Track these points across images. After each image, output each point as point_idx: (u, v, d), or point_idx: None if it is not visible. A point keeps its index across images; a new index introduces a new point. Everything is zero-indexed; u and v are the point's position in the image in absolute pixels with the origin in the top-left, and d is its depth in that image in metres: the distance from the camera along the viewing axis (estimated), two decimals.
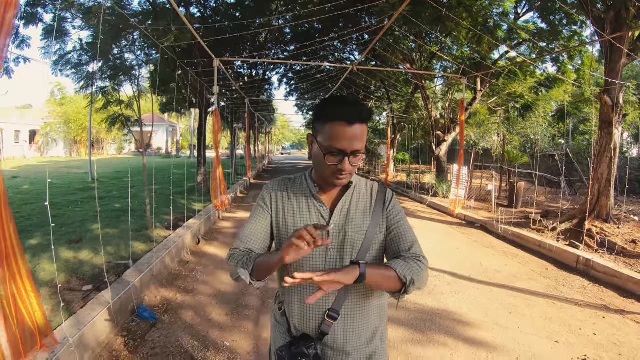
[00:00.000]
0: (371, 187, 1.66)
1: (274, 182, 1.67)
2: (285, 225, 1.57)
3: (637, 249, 6.90)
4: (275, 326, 1.68)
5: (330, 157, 1.42)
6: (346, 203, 1.57)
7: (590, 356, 3.68)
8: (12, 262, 2.23)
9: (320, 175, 1.55)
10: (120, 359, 3.40)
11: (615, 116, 8.01)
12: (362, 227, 1.55)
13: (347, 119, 1.38)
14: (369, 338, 1.59)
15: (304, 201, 1.58)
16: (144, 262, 5.09)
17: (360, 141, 1.42)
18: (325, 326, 1.51)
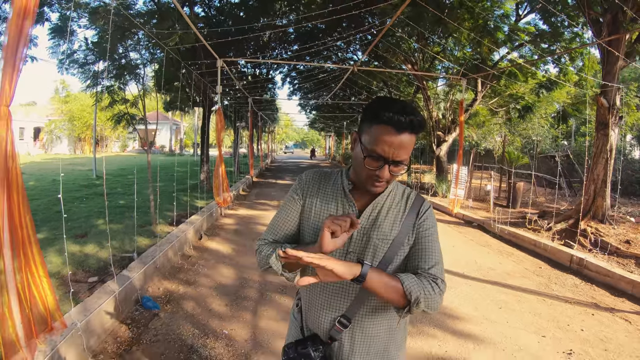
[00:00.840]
0: (407, 195, 1.56)
1: (309, 173, 1.62)
2: (312, 221, 1.52)
3: (630, 249, 7.02)
4: (292, 322, 1.67)
5: (370, 161, 1.35)
6: (377, 207, 1.50)
7: (576, 351, 3.83)
8: (27, 250, 2.40)
9: (356, 177, 1.48)
10: (124, 344, 3.58)
11: (612, 118, 8.11)
12: (388, 235, 1.46)
13: (397, 125, 1.30)
14: (379, 354, 1.51)
15: (333, 197, 1.53)
16: (147, 255, 5.26)
17: (406, 151, 1.34)
18: (335, 332, 1.46)
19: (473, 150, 16.56)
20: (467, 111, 14.16)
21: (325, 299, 1.47)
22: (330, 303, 1.47)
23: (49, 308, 2.62)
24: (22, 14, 2.17)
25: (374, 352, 1.49)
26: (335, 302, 1.46)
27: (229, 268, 5.93)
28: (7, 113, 2.19)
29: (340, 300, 1.45)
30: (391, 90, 20.29)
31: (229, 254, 6.72)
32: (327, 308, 1.47)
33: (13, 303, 2.33)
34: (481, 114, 17.03)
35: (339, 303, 1.46)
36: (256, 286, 5.22)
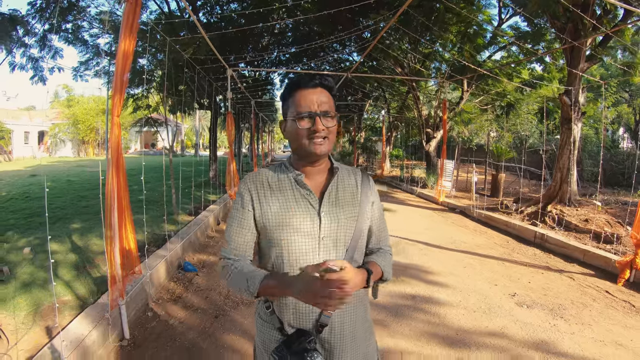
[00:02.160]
0: (354, 172, 1.64)
1: (251, 175, 1.58)
2: (273, 220, 1.48)
3: (587, 226, 8.15)
4: (263, 325, 1.58)
5: (301, 121, 1.42)
6: (333, 189, 1.53)
7: (520, 293, 5.00)
8: (124, 213, 3.51)
9: (298, 151, 1.52)
10: (175, 293, 4.76)
11: (574, 114, 9.24)
12: (352, 212, 1.52)
13: (306, 84, 1.45)
14: (363, 326, 1.59)
15: (288, 190, 1.52)
16: (181, 234, 6.44)
17: (327, 104, 1.44)
18: (325, 317, 1.46)
19: (458, 146, 17.65)
20: (453, 110, 15.29)
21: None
22: None
23: (133, 257, 3.74)
24: (124, 54, 3.30)
25: (360, 319, 1.57)
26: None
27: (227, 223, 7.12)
28: (118, 121, 3.31)
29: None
30: (385, 89, 21.35)
31: None
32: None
33: (116, 250, 3.46)
34: (467, 112, 18.06)
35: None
36: None
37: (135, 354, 3.46)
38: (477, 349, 3.62)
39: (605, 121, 21.55)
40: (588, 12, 8.83)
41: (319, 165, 1.55)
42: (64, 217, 8.28)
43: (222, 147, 45.54)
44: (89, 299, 4.12)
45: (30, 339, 3.39)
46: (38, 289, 4.35)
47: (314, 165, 1.54)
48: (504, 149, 17.20)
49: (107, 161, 3.32)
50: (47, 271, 4.89)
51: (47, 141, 39.15)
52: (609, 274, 5.84)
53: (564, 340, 3.81)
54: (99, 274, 4.94)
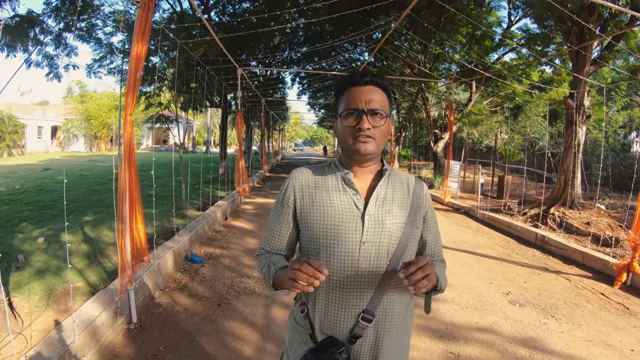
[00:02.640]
0: (407, 179, 1.57)
1: (298, 172, 1.54)
2: (315, 219, 1.44)
3: (588, 229, 8.24)
4: (295, 329, 1.55)
5: (348, 119, 1.40)
6: (381, 191, 1.46)
7: (514, 292, 5.14)
8: (135, 205, 3.71)
9: (344, 151, 1.49)
10: (182, 283, 4.99)
11: (579, 117, 9.33)
12: (399, 218, 1.44)
13: (358, 82, 1.42)
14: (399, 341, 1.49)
15: (334, 191, 1.46)
16: (189, 227, 6.68)
17: (377, 102, 1.40)
18: (359, 329, 1.39)
19: (465, 147, 17.71)
20: (462, 111, 15.38)
21: (344, 297, 1.40)
22: (350, 301, 1.40)
23: (143, 247, 3.95)
24: (137, 57, 3.51)
25: (396, 340, 1.47)
26: (355, 298, 1.40)
27: (253, 238, 7.42)
28: (130, 119, 3.52)
29: (360, 296, 1.40)
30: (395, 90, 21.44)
31: (252, 229, 8.20)
32: (347, 306, 1.40)
33: (127, 239, 3.67)
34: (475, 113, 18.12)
35: (359, 299, 1.40)
36: None
37: (141, 336, 3.68)
38: (465, 343, 3.78)
39: (615, 125, 21.43)
40: (594, 15, 8.92)
41: (367, 166, 1.50)
42: (77, 210, 8.53)
43: (233, 144, 45.94)
44: (99, 286, 4.36)
45: (43, 321, 3.62)
46: (51, 276, 4.60)
47: (362, 165, 1.48)
48: (512, 150, 17.27)
49: (120, 156, 3.53)
50: (65, 256, 5.15)
51: (59, 136, 39.74)
52: (607, 276, 5.94)
53: (552, 338, 3.95)
54: (110, 264, 5.18)
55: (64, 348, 2.93)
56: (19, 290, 4.19)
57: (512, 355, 3.59)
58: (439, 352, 3.55)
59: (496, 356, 3.57)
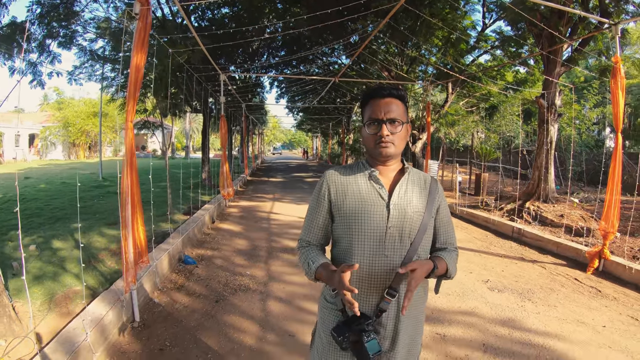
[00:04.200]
0: (424, 176, 1.79)
1: (331, 171, 1.78)
2: (347, 208, 1.67)
3: (562, 221, 8.66)
4: (326, 307, 1.76)
5: (370, 127, 1.65)
6: (403, 185, 1.69)
7: (493, 280, 5.47)
8: (136, 208, 3.90)
9: (369, 153, 1.74)
10: (178, 283, 5.19)
11: (551, 116, 9.77)
12: (419, 208, 1.67)
13: (379, 94, 1.65)
14: (416, 314, 1.72)
15: (363, 184, 1.69)
16: (180, 230, 6.85)
17: (396, 113, 1.63)
18: (384, 303, 1.58)
19: (443, 147, 18.12)
20: (439, 112, 15.77)
21: (372, 276, 1.61)
22: (377, 279, 1.60)
23: (143, 248, 4.14)
24: (137, 67, 3.71)
25: (414, 312, 1.70)
26: (382, 277, 1.60)
27: (242, 240, 7.64)
28: (131, 126, 3.72)
29: (386, 275, 1.60)
30: None
31: (240, 231, 8.41)
32: (375, 285, 1.61)
33: (129, 240, 3.86)
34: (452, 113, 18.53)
35: (385, 277, 1.60)
36: (265, 249, 6.98)
37: (146, 332, 3.87)
38: (450, 325, 4.07)
39: (588, 122, 22.16)
40: (564, 19, 9.35)
41: (390, 165, 1.73)
42: (64, 217, 8.60)
43: (212, 149, 45.85)
44: (98, 288, 4.52)
45: (46, 324, 3.77)
46: (49, 281, 4.74)
47: (385, 164, 1.72)
48: (489, 149, 17.75)
49: (123, 161, 3.72)
50: (58, 262, 5.30)
51: (37, 144, 39.13)
52: (580, 263, 6.32)
53: (529, 318, 4.27)
54: (105, 267, 5.35)
55: (77, 345, 3.11)
56: (19, 295, 4.31)
57: (493, 334, 3.90)
58: (426, 334, 3.83)
59: (478, 335, 3.87)
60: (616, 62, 5.72)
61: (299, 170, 29.18)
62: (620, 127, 5.83)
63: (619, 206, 5.90)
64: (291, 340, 3.79)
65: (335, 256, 1.76)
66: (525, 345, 3.71)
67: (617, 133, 5.86)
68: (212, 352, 3.56)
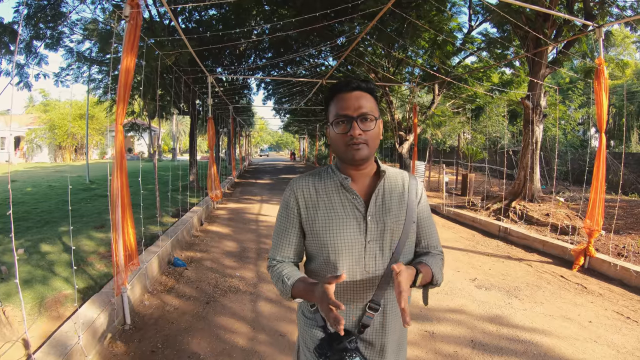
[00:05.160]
0: (401, 175, 1.62)
1: (298, 180, 1.59)
2: (320, 224, 1.49)
3: (547, 219, 8.79)
4: (305, 322, 1.60)
5: (339, 126, 1.43)
6: (379, 193, 1.52)
7: (480, 278, 5.56)
8: (126, 211, 3.91)
9: (339, 157, 1.53)
10: (168, 285, 5.20)
11: (536, 117, 9.91)
12: (399, 216, 1.51)
13: (345, 88, 1.44)
14: (402, 328, 1.59)
15: (335, 195, 1.51)
16: (168, 233, 6.85)
17: (366, 107, 1.42)
18: (367, 318, 1.47)
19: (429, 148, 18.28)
20: (425, 113, 15.91)
21: (353, 292, 1.48)
22: (358, 295, 1.48)
23: (133, 250, 4.14)
24: (127, 69, 3.72)
25: (399, 325, 1.55)
26: (363, 292, 1.48)
27: (231, 241, 7.66)
28: (121, 129, 3.73)
29: (367, 289, 1.47)
30: None
31: (228, 233, 8.42)
32: (355, 300, 1.48)
33: (119, 242, 3.87)
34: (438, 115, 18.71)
35: (366, 292, 1.48)
36: (254, 251, 7.02)
37: (137, 335, 3.88)
38: (438, 323, 4.14)
39: (573, 122, 22.50)
40: (549, 22, 9.50)
41: (364, 169, 1.53)
42: (52, 221, 8.53)
43: (200, 151, 45.69)
44: (88, 292, 4.50)
45: (37, 327, 3.75)
46: (39, 285, 4.71)
47: (358, 169, 1.52)
48: (475, 150, 17.95)
49: (113, 164, 3.73)
50: (47, 266, 5.27)
51: (23, 147, 38.72)
52: (566, 261, 6.43)
53: (516, 315, 4.35)
54: (94, 271, 5.31)
55: (69, 349, 3.11)
56: (9, 299, 4.28)
57: (481, 330, 3.97)
58: (416, 332, 3.90)
59: (467, 332, 3.95)
60: (600, 64, 5.84)
61: (287, 172, 29.22)
62: (603, 127, 5.96)
63: (603, 205, 6.03)
64: (282, 340, 3.83)
65: (310, 273, 1.61)
66: (513, 341, 3.78)
67: (601, 133, 5.98)
68: (203, 353, 3.58)
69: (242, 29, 12.89)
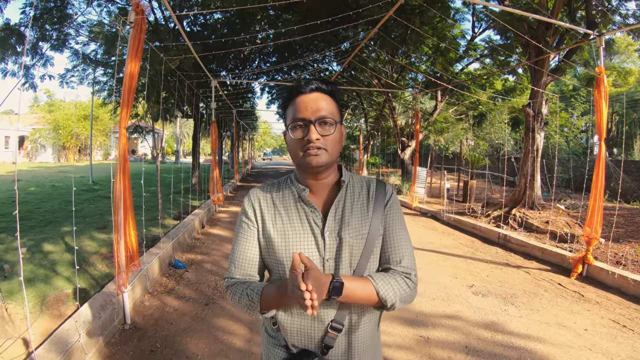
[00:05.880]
0: (367, 183, 1.50)
1: (255, 191, 1.51)
2: (276, 239, 1.40)
3: (547, 227, 8.82)
4: (269, 341, 1.51)
5: (296, 131, 1.33)
6: (340, 204, 1.41)
7: (477, 285, 5.60)
8: (128, 212, 3.98)
9: (297, 165, 1.42)
10: (168, 287, 5.27)
11: (537, 124, 9.95)
12: (360, 230, 1.38)
13: (303, 90, 1.35)
14: (374, 350, 1.49)
15: (292, 208, 1.42)
16: (170, 235, 6.93)
17: (326, 110, 1.33)
18: (329, 339, 1.36)
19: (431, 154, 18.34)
20: (428, 120, 15.99)
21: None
22: (319, 313, 1.35)
23: (134, 251, 4.21)
24: (131, 75, 3.80)
25: (369, 345, 1.46)
26: (324, 310, 1.35)
27: (231, 245, 7.66)
28: (125, 132, 3.80)
29: (328, 309, 1.35)
30: (363, 99, 21.98)
31: (229, 236, 8.50)
32: (317, 318, 1.36)
33: (121, 244, 3.93)
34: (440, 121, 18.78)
35: (327, 311, 1.36)
36: None
37: (137, 334, 3.95)
38: (434, 328, 4.19)
39: (576, 130, 22.52)
40: (551, 30, 9.55)
41: (324, 178, 1.42)
42: (54, 221, 8.59)
43: (203, 154, 45.85)
44: (89, 292, 4.57)
45: (39, 325, 3.82)
46: (41, 284, 4.77)
47: (317, 178, 1.41)
48: (477, 156, 17.99)
49: (116, 166, 3.80)
50: (50, 265, 5.34)
51: (27, 146, 38.91)
52: (564, 269, 6.46)
53: (512, 322, 4.39)
54: (96, 271, 5.38)
55: (70, 346, 3.18)
56: (11, 297, 4.35)
57: (476, 337, 4.01)
58: (410, 337, 3.95)
59: (461, 337, 3.99)
60: (600, 72, 5.89)
61: None
62: (603, 135, 6.01)
63: (602, 212, 6.06)
64: None
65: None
66: (507, 347, 3.83)
67: (601, 141, 6.02)
68: (201, 353, 3.64)
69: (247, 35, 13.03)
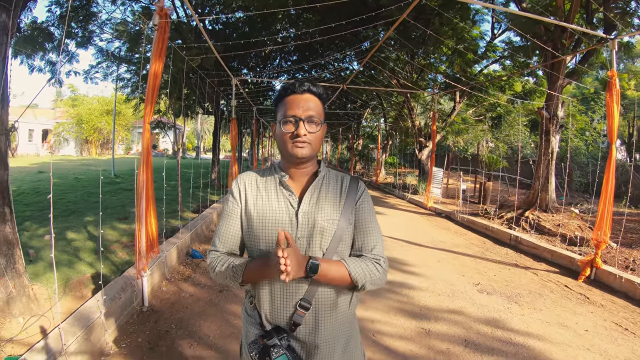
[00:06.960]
0: (342, 179, 1.66)
1: (243, 175, 1.68)
2: (256, 217, 1.56)
3: (559, 230, 8.87)
4: (247, 320, 1.65)
5: (286, 125, 1.50)
6: (315, 191, 1.58)
7: (483, 283, 5.73)
8: (150, 203, 4.23)
9: (283, 155, 1.60)
10: (185, 274, 5.54)
11: (552, 127, 9.97)
12: (332, 216, 1.54)
13: (296, 90, 1.52)
14: (342, 330, 1.59)
15: (273, 190, 1.59)
16: (188, 226, 7.20)
17: (314, 110, 1.51)
18: (298, 316, 1.49)
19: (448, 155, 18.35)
20: (446, 120, 16.03)
21: (284, 288, 1.50)
22: (290, 291, 1.50)
23: (154, 239, 4.45)
24: (155, 74, 4.04)
25: (340, 324, 1.58)
26: (294, 289, 1.49)
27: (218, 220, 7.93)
28: (148, 127, 4.04)
29: (298, 287, 1.49)
30: (383, 99, 22.05)
31: None
32: (287, 297, 1.50)
33: (142, 231, 4.18)
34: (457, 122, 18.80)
35: (298, 289, 1.49)
36: None
37: (154, 316, 4.20)
38: (436, 322, 4.35)
39: (595, 134, 22.28)
40: (566, 33, 9.56)
41: (304, 168, 1.60)
42: (77, 211, 8.91)
43: (223, 150, 46.35)
44: (110, 276, 4.84)
45: (62, 305, 4.08)
46: (64, 268, 5.06)
47: (298, 167, 1.58)
48: (495, 158, 17.96)
49: (140, 159, 4.05)
50: (72, 251, 5.63)
51: (50, 139, 39.74)
52: (573, 272, 6.52)
53: (513, 319, 4.52)
54: (117, 258, 5.65)
55: (91, 322, 3.44)
56: (37, 279, 4.64)
57: (476, 331, 4.16)
58: (412, 328, 4.12)
59: (461, 331, 4.15)
60: (612, 76, 5.95)
61: None
62: (614, 139, 6.07)
63: (611, 216, 6.11)
64: None
65: None
66: (505, 343, 3.96)
67: (611, 145, 6.09)
68: (213, 335, 3.88)
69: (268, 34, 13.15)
